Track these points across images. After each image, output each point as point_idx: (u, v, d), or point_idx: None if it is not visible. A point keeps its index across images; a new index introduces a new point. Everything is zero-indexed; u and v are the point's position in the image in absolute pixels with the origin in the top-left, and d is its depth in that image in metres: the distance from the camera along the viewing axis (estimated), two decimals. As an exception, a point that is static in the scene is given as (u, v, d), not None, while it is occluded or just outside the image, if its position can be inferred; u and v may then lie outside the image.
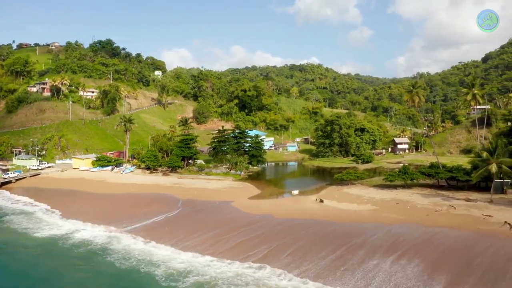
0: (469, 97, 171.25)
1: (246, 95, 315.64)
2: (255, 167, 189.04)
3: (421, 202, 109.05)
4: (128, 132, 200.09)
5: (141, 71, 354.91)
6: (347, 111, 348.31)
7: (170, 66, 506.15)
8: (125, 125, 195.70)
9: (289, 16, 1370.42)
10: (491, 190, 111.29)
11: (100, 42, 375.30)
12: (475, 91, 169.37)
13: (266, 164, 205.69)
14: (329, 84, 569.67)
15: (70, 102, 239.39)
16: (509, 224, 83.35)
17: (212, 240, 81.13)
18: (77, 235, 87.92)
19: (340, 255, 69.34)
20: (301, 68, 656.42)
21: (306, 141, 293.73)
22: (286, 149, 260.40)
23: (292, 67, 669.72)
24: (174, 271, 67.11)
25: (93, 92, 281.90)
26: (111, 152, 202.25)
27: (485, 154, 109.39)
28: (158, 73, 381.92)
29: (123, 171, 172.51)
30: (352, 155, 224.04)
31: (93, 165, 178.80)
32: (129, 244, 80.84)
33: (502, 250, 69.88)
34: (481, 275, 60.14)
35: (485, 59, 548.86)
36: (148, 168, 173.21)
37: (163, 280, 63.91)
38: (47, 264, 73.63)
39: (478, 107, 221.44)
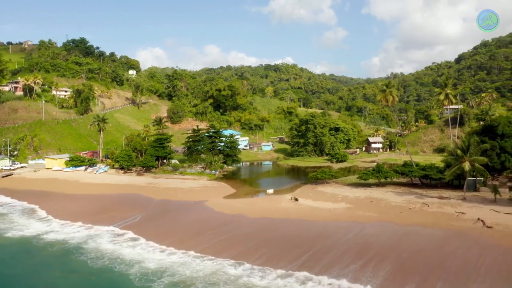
0: (442, 96, 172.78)
1: (221, 94, 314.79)
2: (230, 167, 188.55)
3: (395, 200, 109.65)
4: (101, 132, 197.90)
5: (115, 70, 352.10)
6: (321, 110, 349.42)
7: (145, 65, 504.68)
8: (98, 124, 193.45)
9: (263, 16, 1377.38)
10: (464, 188, 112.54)
11: (73, 41, 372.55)
12: (448, 91, 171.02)
13: (241, 164, 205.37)
14: (303, 84, 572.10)
15: (43, 102, 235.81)
16: (482, 221, 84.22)
17: (185, 240, 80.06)
18: (51, 235, 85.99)
19: (302, 263, 66.57)
20: (276, 68, 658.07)
21: (281, 141, 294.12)
22: (261, 149, 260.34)
23: (267, 67, 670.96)
24: (149, 270, 65.99)
25: (66, 91, 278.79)
26: (85, 152, 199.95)
27: (458, 152, 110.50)
28: (132, 72, 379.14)
29: (97, 171, 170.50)
30: (327, 154, 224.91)
31: (66, 165, 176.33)
32: (103, 243, 79.34)
33: (475, 247, 70.44)
34: (452, 279, 59.26)
35: (458, 60, 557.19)
36: (122, 168, 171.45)
37: (138, 280, 62.83)
38: (22, 263, 72.14)
39: (451, 106, 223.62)
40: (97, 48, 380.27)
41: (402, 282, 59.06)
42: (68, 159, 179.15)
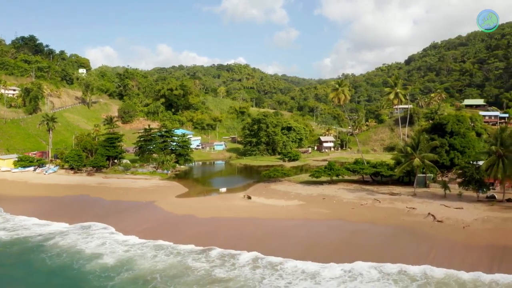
0: (392, 96, 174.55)
1: (173, 94, 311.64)
2: (182, 166, 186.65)
3: (347, 197, 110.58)
4: (51, 132, 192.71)
5: (65, 68, 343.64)
6: (274, 110, 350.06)
7: (95, 64, 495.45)
8: (47, 124, 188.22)
9: (215, 15, 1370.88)
10: (414, 184, 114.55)
11: (22, 38, 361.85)
12: (398, 90, 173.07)
13: (194, 163, 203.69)
14: (256, 84, 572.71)
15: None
16: (432, 215, 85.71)
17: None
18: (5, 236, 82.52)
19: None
20: (228, 68, 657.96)
21: (233, 140, 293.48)
22: (214, 148, 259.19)
23: (220, 67, 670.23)
24: (108, 266, 64.44)
25: (14, 90, 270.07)
26: (34, 152, 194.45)
27: (408, 149, 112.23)
28: (82, 71, 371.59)
29: (46, 172, 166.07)
30: (279, 153, 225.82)
31: (15, 165, 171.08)
32: (61, 241, 76.61)
33: (426, 241, 71.27)
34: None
35: (408, 61, 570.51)
36: (72, 168, 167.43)
37: (97, 278, 60.59)
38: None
39: (401, 106, 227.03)
40: (47, 46, 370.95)
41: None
42: (16, 159, 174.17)
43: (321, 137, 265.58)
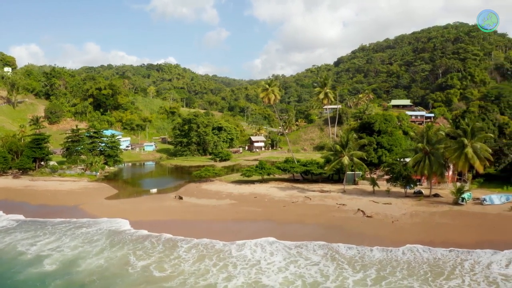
0: (321, 95, 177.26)
1: (101, 93, 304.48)
2: (111, 168, 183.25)
3: (279, 195, 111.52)
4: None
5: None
6: (204, 110, 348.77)
7: (21, 63, 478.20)
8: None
9: (145, 13, 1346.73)
10: (344, 181, 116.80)
11: None
12: (327, 90, 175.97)
13: (123, 164, 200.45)
14: (186, 85, 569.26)
15: None
16: (362, 211, 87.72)
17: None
18: None
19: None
20: (158, 68, 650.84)
21: (163, 141, 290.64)
22: (143, 149, 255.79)
23: (149, 66, 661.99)
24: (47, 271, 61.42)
25: None
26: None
27: (337, 148, 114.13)
28: (7, 69, 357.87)
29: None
30: (210, 153, 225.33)
31: None
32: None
33: (359, 237, 72.45)
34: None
35: (337, 63, 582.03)
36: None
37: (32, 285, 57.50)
38: None
39: (330, 106, 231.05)
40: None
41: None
42: None
43: (252, 137, 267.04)
